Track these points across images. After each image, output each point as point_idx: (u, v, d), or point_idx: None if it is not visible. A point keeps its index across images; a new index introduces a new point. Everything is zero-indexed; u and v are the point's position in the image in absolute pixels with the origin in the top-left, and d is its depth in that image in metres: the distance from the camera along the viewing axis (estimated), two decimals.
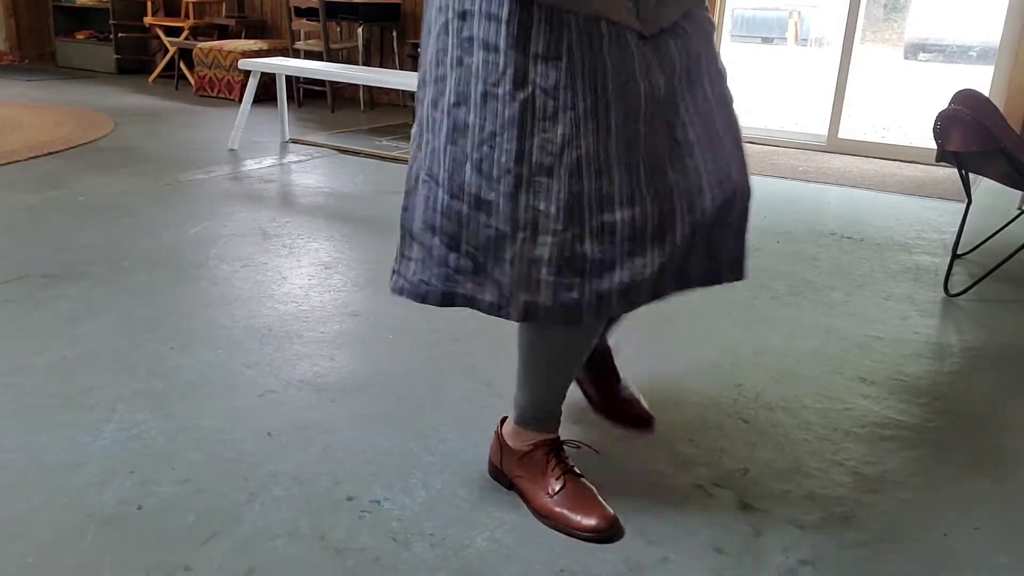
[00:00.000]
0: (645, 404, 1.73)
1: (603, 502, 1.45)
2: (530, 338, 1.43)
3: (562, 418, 1.54)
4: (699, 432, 1.77)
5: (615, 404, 1.71)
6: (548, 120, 1.21)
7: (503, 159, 1.23)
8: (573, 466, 1.50)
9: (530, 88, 1.20)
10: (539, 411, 1.50)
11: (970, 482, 1.64)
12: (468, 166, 1.26)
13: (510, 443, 1.53)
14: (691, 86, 1.30)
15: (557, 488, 1.45)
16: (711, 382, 1.99)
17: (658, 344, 2.19)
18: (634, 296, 1.27)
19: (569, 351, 1.42)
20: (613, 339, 1.77)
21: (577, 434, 1.71)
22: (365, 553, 1.35)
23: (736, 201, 1.32)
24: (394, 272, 1.43)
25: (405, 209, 1.40)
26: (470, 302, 1.33)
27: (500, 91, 1.21)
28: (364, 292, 2.47)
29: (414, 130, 1.39)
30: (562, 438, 1.54)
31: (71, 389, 1.82)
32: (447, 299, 1.35)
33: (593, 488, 1.48)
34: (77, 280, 2.45)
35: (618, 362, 1.76)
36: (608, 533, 1.41)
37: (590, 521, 1.41)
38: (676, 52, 1.27)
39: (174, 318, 2.22)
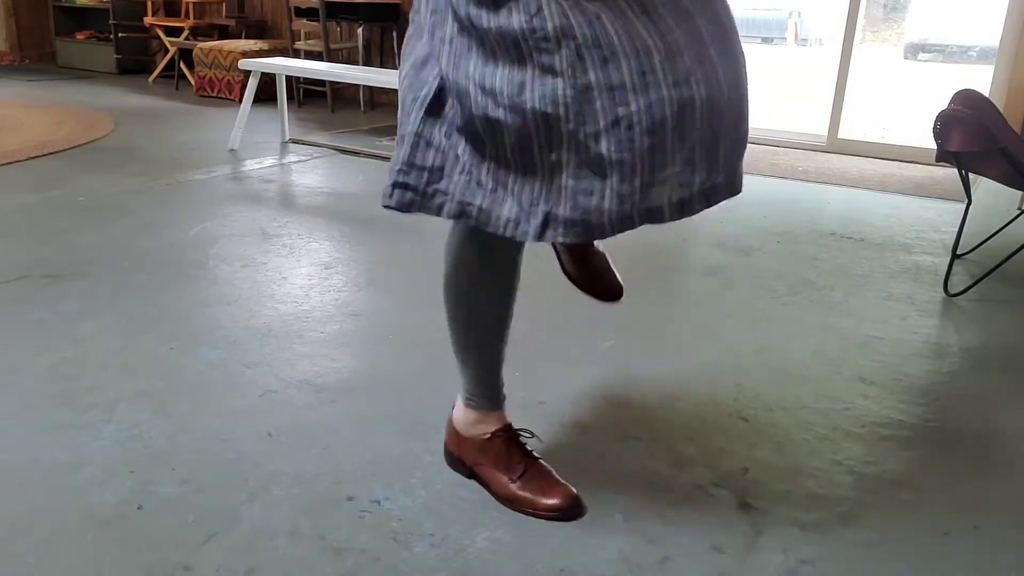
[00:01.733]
0: (618, 277, 1.73)
1: (563, 481, 1.48)
2: (454, 302, 1.46)
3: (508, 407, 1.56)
4: (699, 432, 1.77)
5: (586, 274, 1.72)
6: (536, 16, 1.14)
7: (503, 65, 1.18)
8: (530, 451, 1.53)
9: None
10: (480, 383, 1.52)
11: (970, 482, 1.64)
12: (489, 76, 1.20)
13: (465, 432, 1.55)
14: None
15: (519, 472, 1.48)
16: (711, 382, 1.99)
17: (658, 344, 2.18)
18: (656, 197, 1.20)
19: (492, 290, 1.44)
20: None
21: (532, 425, 1.71)
22: (365, 553, 1.35)
23: (742, 110, 1.25)
24: (397, 186, 1.35)
25: (428, 113, 1.30)
26: (481, 216, 1.27)
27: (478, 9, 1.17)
28: (364, 292, 2.47)
29: (425, 49, 1.29)
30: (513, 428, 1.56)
31: (71, 389, 1.82)
32: (463, 212, 1.29)
33: (552, 470, 1.51)
34: (77, 280, 2.45)
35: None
36: (570, 511, 1.44)
37: (552, 500, 1.45)
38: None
39: (174, 318, 2.22)
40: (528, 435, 1.59)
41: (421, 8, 1.31)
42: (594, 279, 1.72)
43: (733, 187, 1.27)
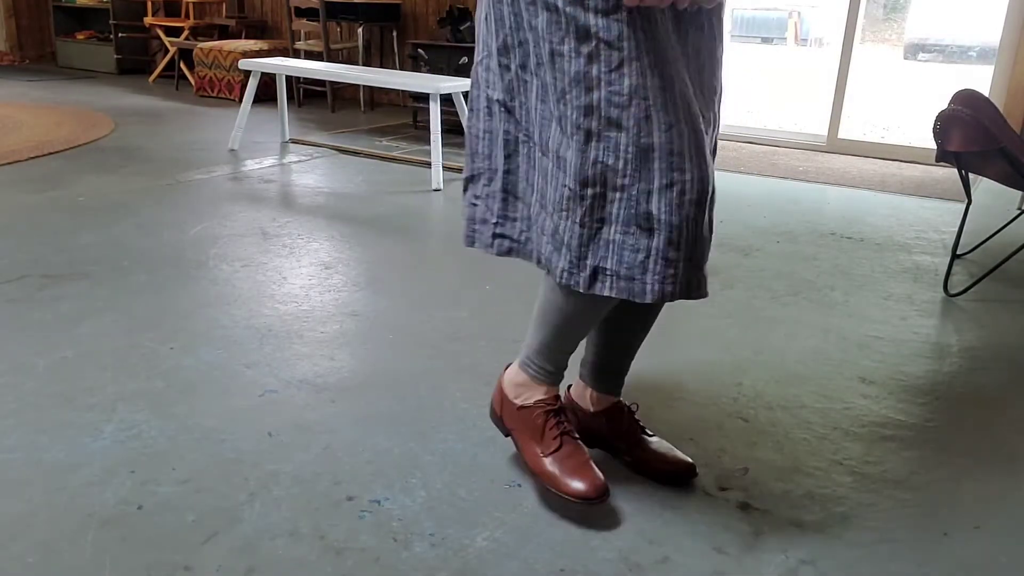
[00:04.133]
0: (680, 453, 1.60)
1: (595, 468, 1.46)
2: (558, 301, 1.42)
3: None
4: (699, 432, 1.77)
5: (648, 458, 1.59)
6: (615, 72, 1.22)
7: (573, 115, 1.25)
8: (571, 429, 1.51)
9: (593, 42, 1.22)
10: (545, 359, 1.50)
11: (970, 482, 1.64)
12: (554, 124, 1.30)
13: (510, 394, 1.54)
14: (701, 85, 1.34)
15: (552, 448, 1.47)
16: (711, 382, 1.99)
17: (658, 344, 2.19)
18: (693, 278, 1.30)
19: (586, 313, 1.42)
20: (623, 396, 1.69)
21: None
22: (365, 553, 1.35)
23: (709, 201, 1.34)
24: (500, 235, 1.44)
25: (507, 172, 1.41)
26: (549, 265, 1.36)
27: (565, 48, 1.24)
28: (364, 292, 2.47)
29: (500, 96, 1.38)
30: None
31: (71, 389, 1.82)
32: (539, 260, 1.39)
33: (587, 454, 1.49)
34: (77, 280, 2.45)
35: (638, 416, 1.74)
36: (594, 499, 1.42)
37: (578, 485, 1.43)
38: (691, 48, 1.31)
39: (174, 318, 2.22)
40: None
41: (494, 49, 1.37)
42: (657, 460, 1.58)
43: (702, 286, 1.36)
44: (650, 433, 1.63)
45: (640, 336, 1.59)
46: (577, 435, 1.52)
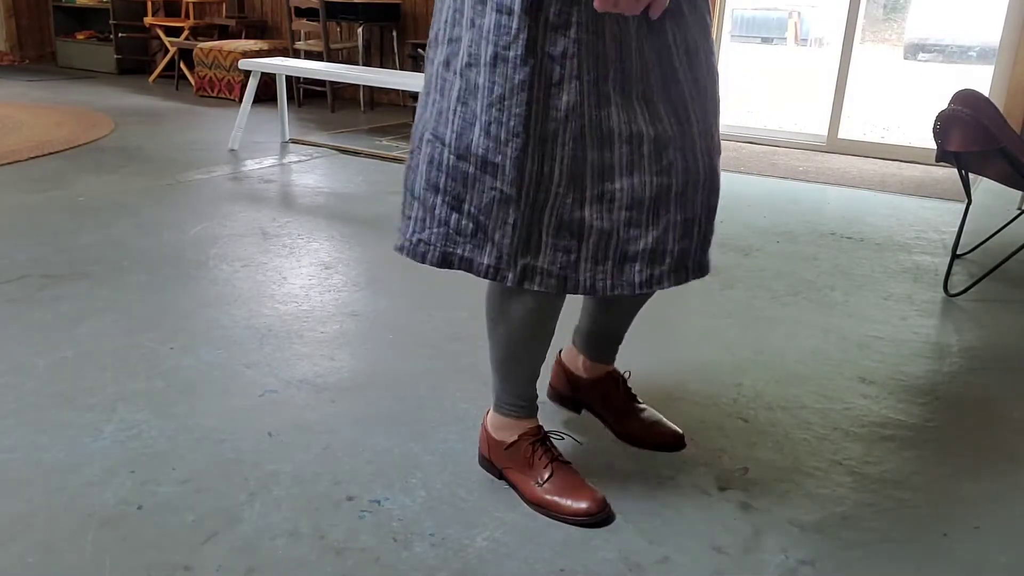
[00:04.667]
0: (669, 424, 1.68)
1: (591, 486, 1.48)
2: (497, 312, 1.45)
3: (546, 409, 1.56)
4: (699, 432, 1.77)
5: (636, 429, 1.67)
6: (555, 87, 1.23)
7: (511, 123, 1.25)
8: (559, 454, 1.52)
9: (539, 55, 1.22)
10: (513, 395, 1.52)
11: (970, 482, 1.64)
12: (477, 128, 1.28)
13: (495, 435, 1.55)
14: (690, 71, 1.31)
15: (546, 476, 1.48)
16: (711, 382, 1.99)
17: (658, 344, 2.18)
18: (628, 270, 1.32)
19: (534, 324, 1.43)
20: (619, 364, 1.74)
21: (562, 424, 1.71)
22: (365, 553, 1.35)
23: (714, 191, 1.37)
24: (398, 230, 1.45)
25: (408, 168, 1.41)
26: (467, 264, 1.35)
27: (511, 54, 1.22)
28: (364, 292, 2.47)
29: (421, 90, 1.41)
30: (545, 429, 1.56)
31: (71, 389, 1.82)
32: (446, 260, 1.37)
33: (578, 473, 1.51)
34: (77, 280, 2.45)
35: (631, 383, 1.75)
36: (600, 515, 1.44)
37: (581, 505, 1.44)
38: (671, 36, 1.29)
39: (174, 318, 2.22)
40: (559, 436, 1.60)
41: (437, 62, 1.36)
42: (645, 431, 1.66)
43: (703, 268, 1.39)
44: (640, 402, 1.67)
45: (639, 302, 1.59)
46: (566, 459, 1.53)
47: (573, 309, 1.71)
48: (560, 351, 1.74)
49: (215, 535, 1.37)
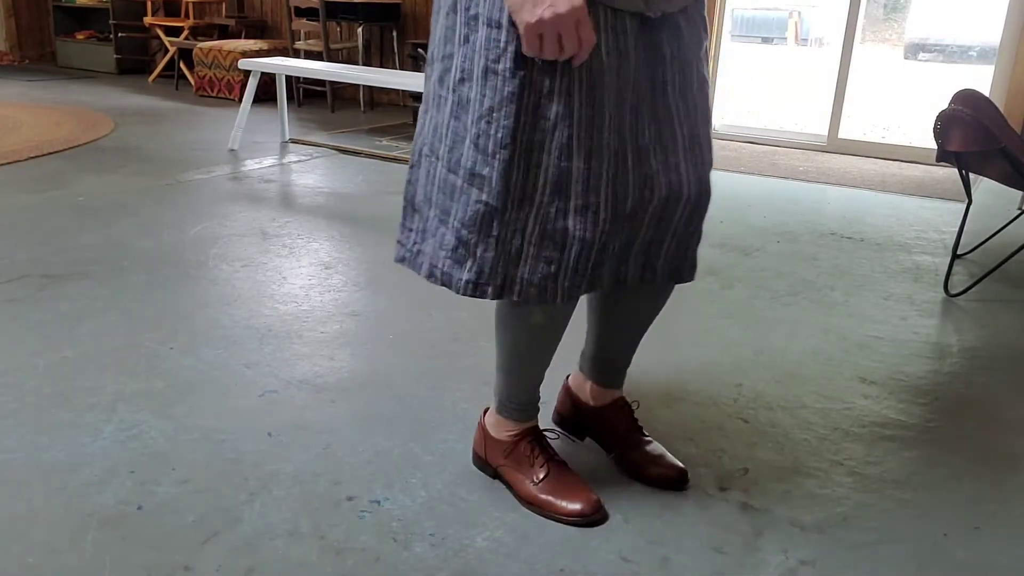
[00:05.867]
0: (673, 458, 1.59)
1: (587, 487, 1.47)
2: (504, 320, 1.44)
3: (547, 409, 1.55)
4: (699, 432, 1.76)
5: (638, 461, 1.58)
6: (544, 98, 1.23)
7: (499, 134, 1.25)
8: (555, 454, 1.52)
9: (529, 66, 1.22)
10: (516, 398, 1.51)
11: (970, 482, 1.64)
12: (467, 141, 1.29)
13: (493, 434, 1.55)
14: (679, 87, 1.33)
15: (541, 476, 1.48)
16: (711, 382, 1.99)
17: (658, 344, 2.18)
18: (597, 277, 1.34)
19: (540, 333, 1.43)
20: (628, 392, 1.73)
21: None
22: (365, 553, 1.35)
23: (700, 208, 1.39)
24: (398, 242, 1.47)
25: (408, 182, 1.44)
26: (448, 279, 1.36)
27: (501, 67, 1.23)
28: (364, 292, 2.47)
29: (421, 107, 1.42)
30: (541, 427, 1.56)
31: (71, 389, 1.82)
32: (431, 274, 1.39)
33: (576, 474, 1.50)
34: (77, 280, 2.45)
35: (638, 415, 1.73)
36: (593, 516, 1.43)
37: (575, 506, 1.44)
38: (668, 50, 1.30)
39: (174, 318, 2.22)
40: (555, 436, 1.59)
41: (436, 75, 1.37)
42: (647, 464, 1.57)
43: (679, 275, 1.44)
44: (646, 435, 1.62)
45: (643, 324, 1.58)
46: (561, 458, 1.53)
47: (580, 327, 1.70)
48: (568, 376, 1.72)
49: (215, 535, 1.37)
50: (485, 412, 1.60)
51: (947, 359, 2.19)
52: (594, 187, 1.27)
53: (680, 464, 1.57)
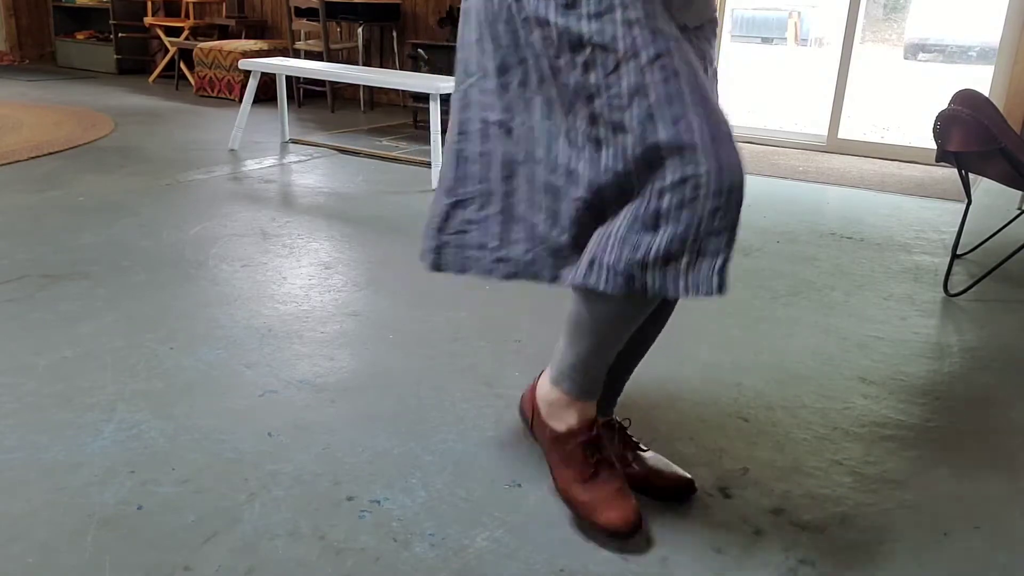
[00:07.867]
0: (677, 468, 1.55)
1: (630, 499, 1.40)
2: (583, 307, 1.38)
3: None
4: (699, 432, 1.77)
5: (638, 475, 1.54)
6: (612, 75, 1.18)
7: (582, 125, 1.24)
8: (609, 455, 1.45)
9: (588, 49, 1.19)
10: (581, 373, 1.42)
11: (970, 482, 1.64)
12: (561, 138, 1.28)
13: (543, 410, 1.49)
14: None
15: (588, 475, 1.42)
16: (711, 382, 1.99)
17: (658, 344, 2.18)
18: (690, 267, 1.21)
19: (618, 322, 1.36)
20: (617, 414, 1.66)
21: None
22: (365, 553, 1.35)
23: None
24: (500, 260, 1.39)
25: (507, 194, 1.37)
26: (570, 279, 1.31)
27: (562, 61, 1.22)
28: (364, 292, 2.47)
29: (499, 117, 1.35)
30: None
31: (71, 389, 1.82)
32: (541, 275, 1.37)
33: (623, 481, 1.43)
34: (77, 280, 2.45)
35: (631, 431, 1.70)
36: (626, 532, 1.37)
37: (611, 516, 1.38)
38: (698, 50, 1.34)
39: (174, 318, 2.22)
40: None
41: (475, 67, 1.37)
42: (649, 477, 1.53)
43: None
44: (644, 448, 1.57)
45: (647, 349, 1.57)
46: (615, 462, 1.46)
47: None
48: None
49: (215, 535, 1.37)
50: (540, 376, 1.53)
51: (947, 359, 2.19)
52: (690, 159, 1.16)
53: (685, 474, 1.54)
